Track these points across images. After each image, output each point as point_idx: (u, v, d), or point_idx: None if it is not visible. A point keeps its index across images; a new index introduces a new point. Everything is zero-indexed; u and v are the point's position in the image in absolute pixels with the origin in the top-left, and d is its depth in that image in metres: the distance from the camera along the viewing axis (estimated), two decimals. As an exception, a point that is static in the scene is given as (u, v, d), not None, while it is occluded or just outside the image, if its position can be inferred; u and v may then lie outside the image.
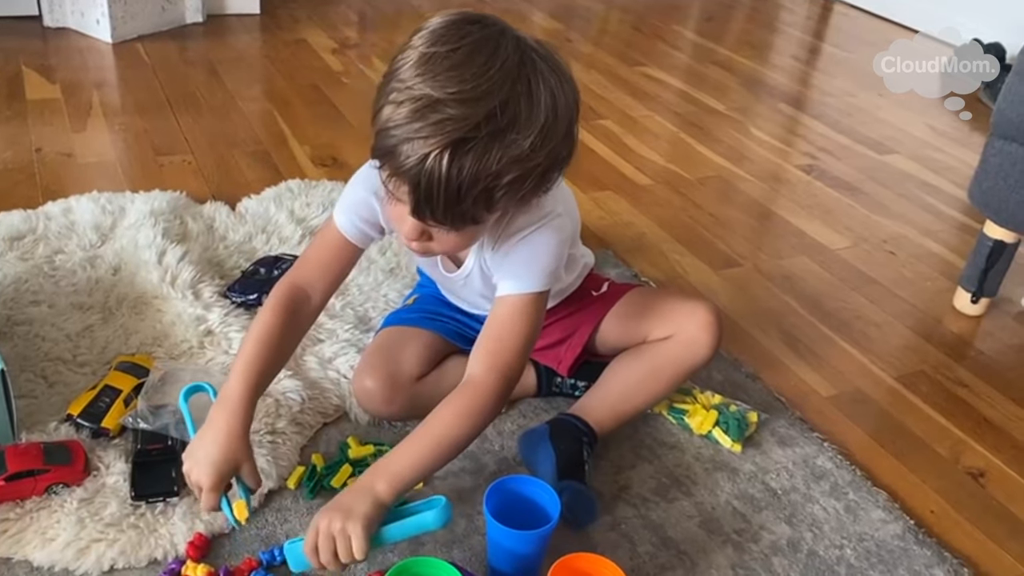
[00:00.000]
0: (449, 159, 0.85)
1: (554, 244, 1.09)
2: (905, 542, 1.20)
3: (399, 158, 0.87)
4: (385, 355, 1.25)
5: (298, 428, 1.24)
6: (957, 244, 2.02)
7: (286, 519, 1.13)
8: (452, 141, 0.85)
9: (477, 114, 0.85)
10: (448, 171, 0.86)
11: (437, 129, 0.85)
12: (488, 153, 0.86)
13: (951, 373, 1.58)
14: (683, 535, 1.17)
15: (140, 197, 1.74)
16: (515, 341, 1.08)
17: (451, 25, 0.90)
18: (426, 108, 0.85)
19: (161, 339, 1.37)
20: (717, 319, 1.24)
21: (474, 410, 1.04)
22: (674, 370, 1.26)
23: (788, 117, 2.72)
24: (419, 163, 0.86)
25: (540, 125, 0.88)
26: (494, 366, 1.06)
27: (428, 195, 0.88)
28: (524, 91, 0.88)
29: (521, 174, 0.89)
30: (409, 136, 0.86)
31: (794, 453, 1.33)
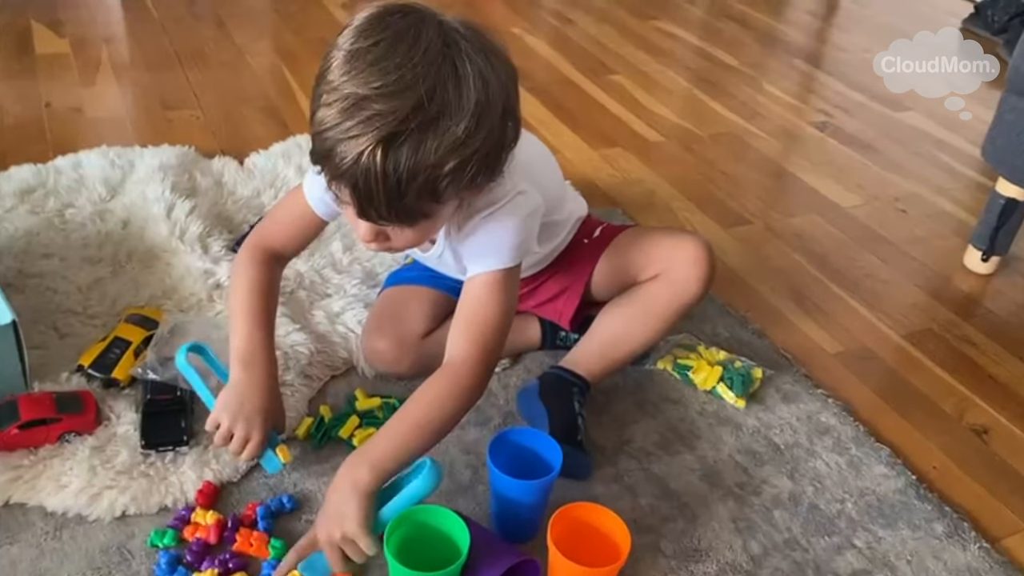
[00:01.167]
0: (383, 155, 0.83)
1: (518, 222, 1.05)
2: (906, 497, 1.20)
3: (335, 160, 0.85)
4: (392, 316, 1.27)
5: (306, 380, 1.26)
6: (971, 203, 2.00)
7: (293, 467, 1.15)
8: (383, 137, 0.83)
9: (404, 106, 0.83)
10: (384, 167, 0.83)
11: (367, 126, 0.83)
12: (422, 144, 0.84)
13: (959, 331, 1.58)
14: (684, 487, 1.18)
15: (149, 152, 1.74)
16: (490, 318, 1.05)
17: (373, 19, 0.88)
18: (354, 106, 0.83)
19: (170, 292, 1.38)
20: (706, 253, 1.21)
21: (455, 391, 1.01)
22: (664, 310, 1.23)
23: (803, 73, 2.68)
24: (354, 162, 0.84)
25: (472, 109, 0.86)
26: (471, 344, 1.03)
27: (369, 194, 0.86)
28: (450, 75, 0.85)
29: (461, 160, 0.87)
30: (341, 136, 0.84)
31: (798, 409, 1.33)
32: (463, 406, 1.02)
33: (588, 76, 2.46)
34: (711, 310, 1.53)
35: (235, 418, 1.06)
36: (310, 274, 1.45)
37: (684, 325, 1.48)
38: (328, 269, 1.46)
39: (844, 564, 1.10)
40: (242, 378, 1.08)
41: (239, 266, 1.16)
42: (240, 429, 1.06)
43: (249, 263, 1.15)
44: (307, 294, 1.41)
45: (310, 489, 1.12)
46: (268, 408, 1.08)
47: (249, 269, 1.15)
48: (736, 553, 1.10)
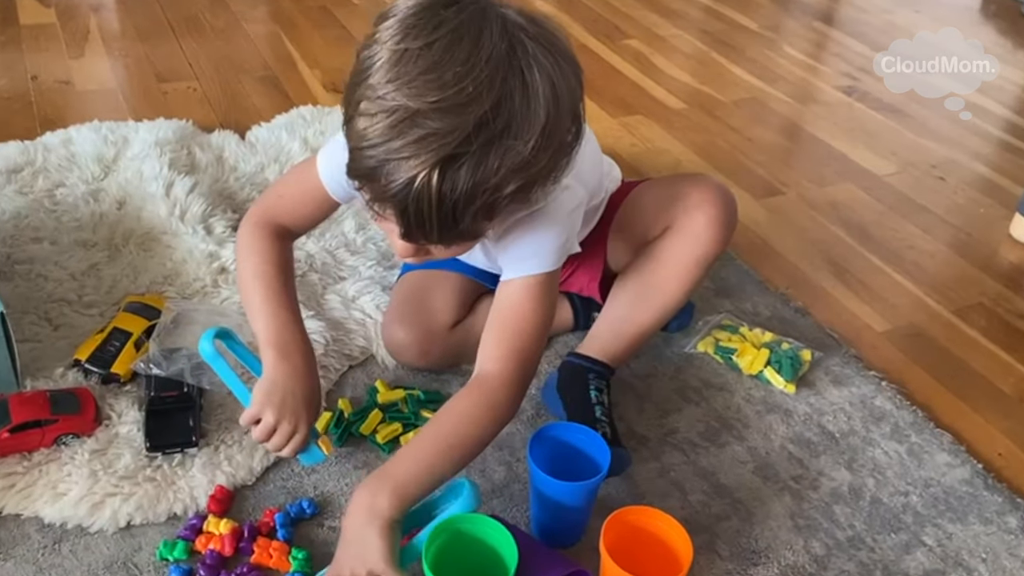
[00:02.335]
0: (439, 180, 0.72)
1: (561, 221, 0.96)
2: (974, 487, 1.12)
3: (380, 181, 0.74)
4: (415, 304, 1.15)
5: (322, 372, 1.15)
6: (1009, 168, 1.90)
7: (313, 469, 1.05)
8: (440, 159, 0.72)
9: (466, 124, 0.72)
10: (439, 193, 0.73)
11: (421, 147, 0.72)
12: (484, 165, 0.73)
13: (1011, 305, 1.48)
14: (736, 482, 1.10)
15: (144, 126, 1.63)
16: (527, 326, 0.95)
17: (423, 11, 0.75)
18: (405, 122, 0.72)
19: (172, 277, 1.28)
20: (715, 194, 1.09)
21: (488, 406, 0.92)
22: (678, 267, 1.10)
23: (823, 35, 2.57)
24: (405, 187, 0.73)
25: (542, 124, 0.75)
26: (507, 355, 0.94)
27: (419, 220, 0.75)
28: (518, 86, 0.74)
29: (525, 182, 0.77)
30: (389, 157, 0.73)
31: (850, 393, 1.24)
32: (497, 426, 0.93)
33: (602, 41, 2.35)
34: (750, 287, 1.44)
35: (280, 412, 0.94)
36: (322, 256, 1.34)
37: (723, 304, 1.39)
38: (341, 250, 1.36)
39: (915, 564, 1.01)
40: (281, 367, 0.96)
41: (246, 242, 1.04)
42: (287, 423, 0.94)
43: (258, 237, 1.03)
44: (319, 277, 1.31)
45: (331, 491, 1.03)
46: (312, 395, 0.97)
47: (259, 243, 1.03)
48: (798, 554, 1.01)
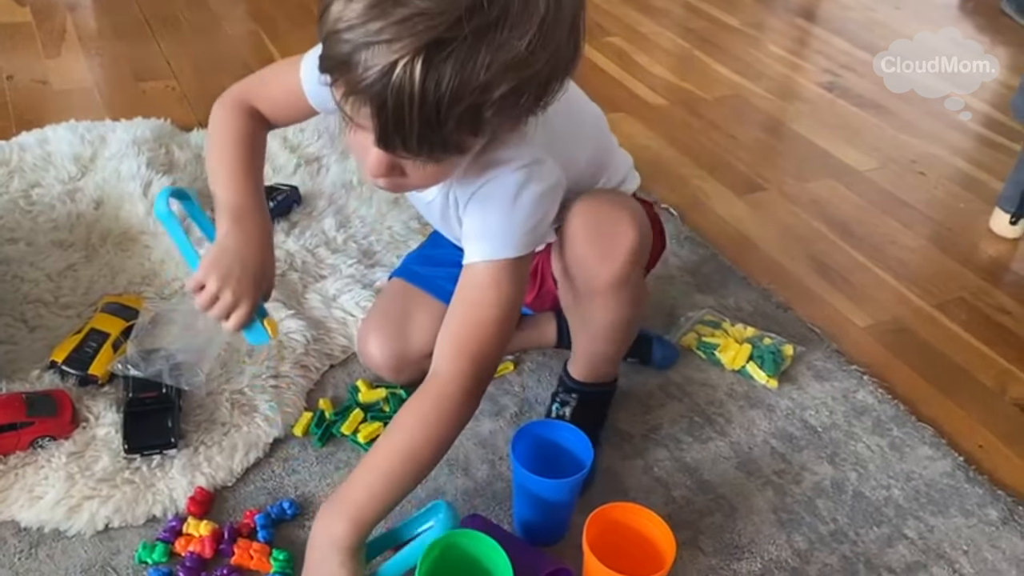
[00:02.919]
0: (423, 69, 0.64)
1: (533, 197, 0.85)
2: (955, 480, 1.12)
3: (356, 70, 0.66)
4: (393, 325, 1.11)
5: (303, 371, 1.15)
6: (988, 162, 1.91)
7: (294, 469, 1.05)
8: (426, 44, 0.64)
9: (457, 5, 0.64)
10: (423, 85, 0.65)
11: (404, 29, 0.64)
12: (474, 58, 0.65)
13: (991, 299, 1.49)
14: (720, 477, 1.09)
15: (121, 125, 1.61)
16: (488, 320, 0.86)
17: None
18: (388, 1, 0.64)
19: (150, 277, 1.27)
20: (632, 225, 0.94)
21: (442, 412, 0.85)
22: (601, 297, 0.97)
23: (805, 32, 2.58)
24: (383, 76, 0.65)
25: (540, 18, 0.67)
26: (462, 353, 0.86)
27: (398, 118, 0.67)
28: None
29: (517, 84, 0.68)
30: (368, 40, 0.65)
31: (832, 388, 1.25)
32: (453, 431, 0.87)
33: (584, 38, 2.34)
34: (732, 283, 1.44)
35: (224, 280, 0.88)
36: (302, 254, 1.33)
37: (705, 300, 1.39)
38: (321, 248, 1.35)
39: (897, 557, 1.02)
40: (234, 234, 0.90)
41: (220, 116, 0.98)
42: (228, 294, 0.88)
43: (233, 113, 0.98)
44: (300, 276, 1.30)
45: (312, 492, 1.02)
46: (261, 271, 0.91)
47: (234, 119, 0.97)
48: (780, 548, 1.01)
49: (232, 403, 1.09)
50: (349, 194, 1.48)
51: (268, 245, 0.93)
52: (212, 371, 1.11)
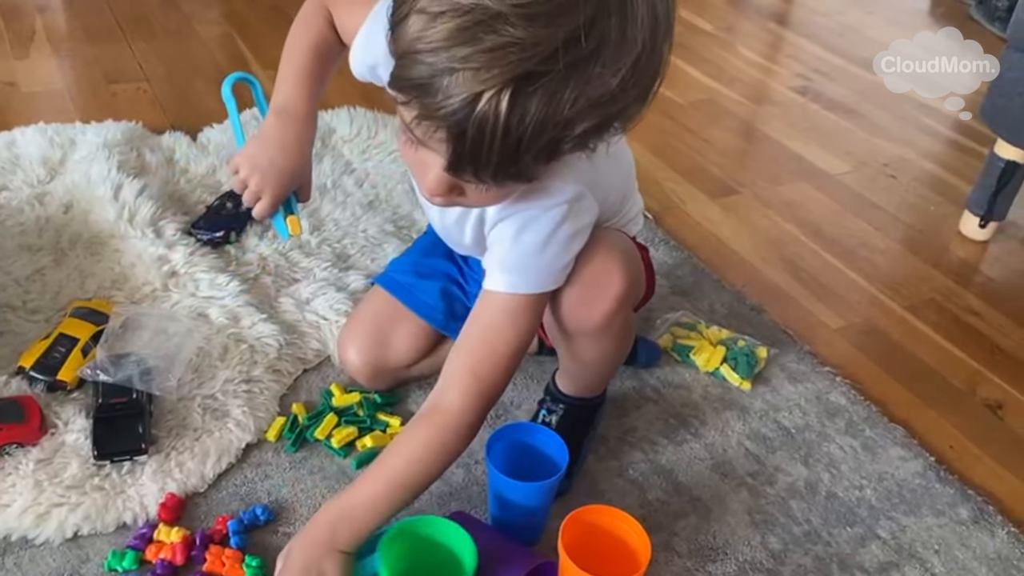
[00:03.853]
0: (510, 102, 0.60)
1: (570, 234, 0.85)
2: (926, 480, 1.13)
3: (435, 96, 0.62)
4: (374, 335, 1.11)
5: (276, 376, 1.14)
6: (959, 166, 1.94)
7: (267, 474, 1.04)
8: (515, 76, 0.60)
9: (554, 38, 0.59)
10: (507, 118, 0.61)
11: (496, 58, 0.59)
12: (562, 92, 0.61)
13: (961, 301, 1.51)
14: (695, 479, 1.10)
15: (91, 128, 1.59)
16: (502, 352, 0.86)
17: None
18: (479, 26, 0.59)
19: (120, 282, 1.25)
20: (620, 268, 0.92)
21: (446, 443, 0.86)
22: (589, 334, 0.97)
23: (777, 36, 2.60)
24: (465, 105, 0.61)
25: (636, 55, 0.63)
26: (473, 385, 0.86)
27: (475, 148, 0.63)
28: (616, 4, 0.62)
29: (601, 122, 0.65)
30: (453, 66, 0.61)
31: (806, 389, 1.25)
32: (453, 458, 0.88)
33: (673, 39, 2.35)
34: (707, 285, 1.44)
35: (252, 169, 0.92)
36: (275, 258, 1.33)
37: (680, 302, 1.40)
38: (295, 251, 1.34)
39: (869, 557, 1.02)
40: (272, 128, 0.94)
41: (308, 17, 0.98)
42: (254, 183, 0.91)
43: (315, 17, 0.98)
44: (273, 279, 1.29)
45: (286, 498, 1.01)
46: (290, 167, 0.93)
47: (314, 23, 0.97)
48: (755, 550, 1.02)
49: (204, 408, 1.08)
50: (323, 197, 1.47)
51: (303, 145, 0.95)
52: (184, 376, 1.10)
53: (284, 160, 0.93)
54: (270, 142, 0.93)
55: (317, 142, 1.63)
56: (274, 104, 0.96)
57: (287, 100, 0.95)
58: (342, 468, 1.05)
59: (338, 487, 1.03)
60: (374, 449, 1.06)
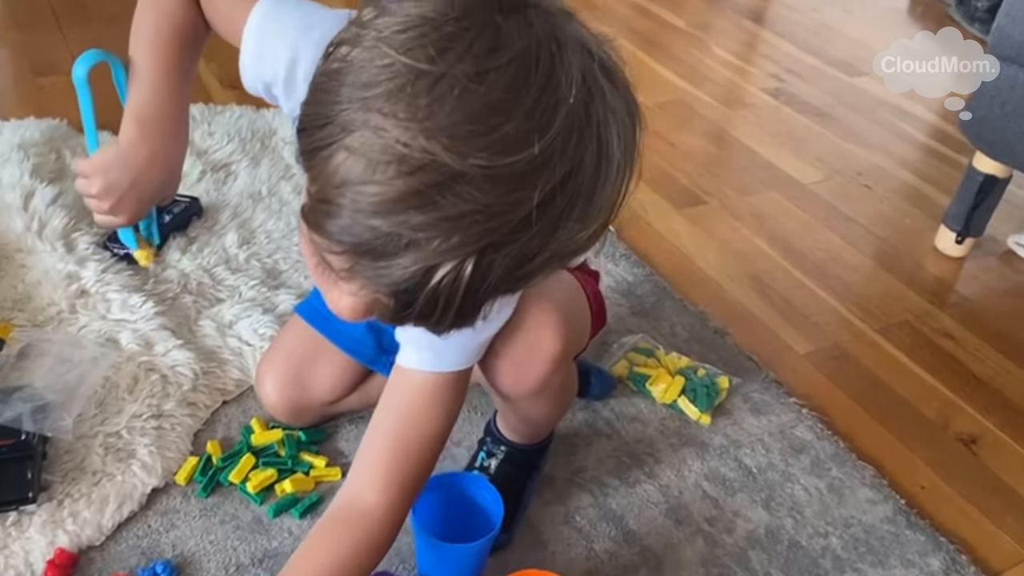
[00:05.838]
0: (472, 272, 0.49)
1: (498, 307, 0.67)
2: (896, 526, 1.05)
3: (377, 262, 0.50)
4: (293, 371, 1.00)
5: (190, 410, 1.04)
6: (936, 176, 1.86)
7: (173, 524, 0.93)
8: (481, 247, 0.49)
9: (526, 202, 0.48)
10: (468, 285, 0.50)
11: (457, 228, 0.48)
12: (530, 252, 0.51)
13: (935, 323, 1.43)
14: (647, 527, 1.01)
15: (8, 126, 1.47)
16: (424, 438, 0.76)
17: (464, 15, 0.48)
18: (435, 188, 0.47)
19: (23, 302, 1.13)
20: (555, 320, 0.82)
21: (372, 550, 0.75)
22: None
23: (752, 35, 2.51)
24: (419, 278, 0.49)
25: (610, 202, 0.53)
26: (397, 482, 0.75)
27: (425, 312, 0.52)
28: (592, 150, 0.50)
29: (560, 264, 0.55)
30: (402, 232, 0.48)
31: (769, 423, 1.17)
32: (378, 560, 0.76)
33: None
34: (668, 305, 1.35)
35: (108, 189, 0.78)
36: (198, 274, 1.21)
37: (639, 324, 1.31)
38: (221, 267, 1.23)
39: (833, 616, 0.94)
40: (132, 141, 0.78)
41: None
42: (108, 204, 0.79)
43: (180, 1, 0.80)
44: (193, 300, 1.18)
45: (192, 551, 0.91)
46: (154, 186, 0.80)
47: (183, 5, 0.80)
48: (709, 609, 0.93)
49: (106, 448, 0.97)
50: (256, 206, 1.36)
51: (172, 165, 0.82)
52: (85, 411, 1.00)
53: (147, 180, 0.79)
54: (130, 159, 0.78)
55: (256, 143, 1.52)
56: (132, 107, 0.80)
57: (150, 103, 0.79)
58: (257, 516, 0.95)
59: (252, 538, 0.93)
60: (293, 495, 0.97)
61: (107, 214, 0.81)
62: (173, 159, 0.82)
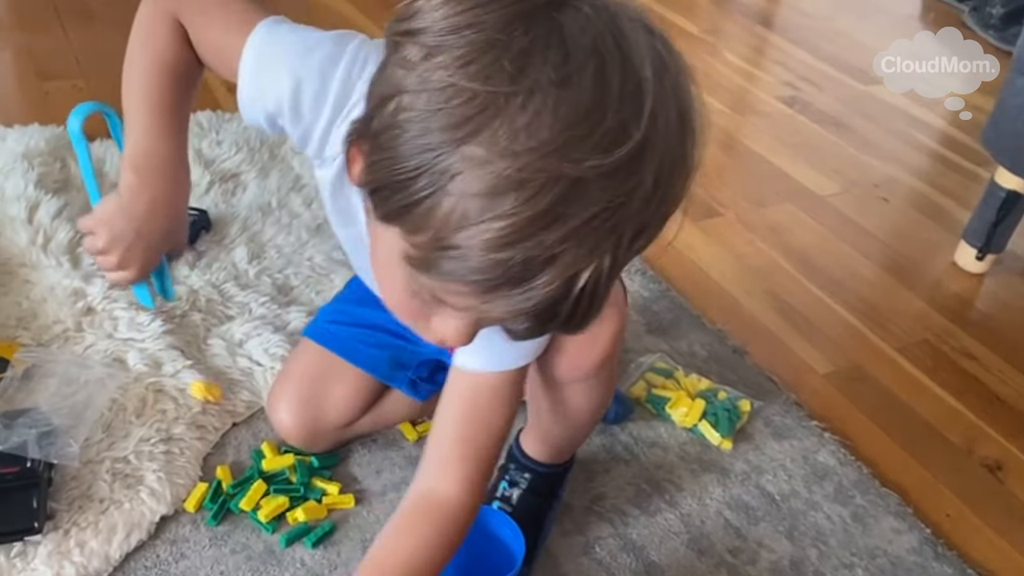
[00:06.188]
0: (609, 267, 0.50)
1: None
2: (922, 557, 1.03)
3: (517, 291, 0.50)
4: (306, 393, 0.98)
5: (200, 433, 1.01)
6: (953, 188, 1.83)
7: (183, 554, 0.91)
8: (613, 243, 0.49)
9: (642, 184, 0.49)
10: (607, 280, 0.51)
11: (594, 234, 0.48)
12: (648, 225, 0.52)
13: (956, 342, 1.40)
14: (669, 558, 0.98)
15: (13, 133, 1.44)
16: (497, 431, 0.77)
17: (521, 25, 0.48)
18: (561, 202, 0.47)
19: (28, 319, 1.10)
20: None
21: (453, 533, 0.75)
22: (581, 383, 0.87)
23: (764, 41, 2.48)
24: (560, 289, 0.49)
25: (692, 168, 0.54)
26: (471, 473, 0.75)
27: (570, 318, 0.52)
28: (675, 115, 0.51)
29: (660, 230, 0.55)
30: (536, 255, 0.48)
31: (791, 447, 1.14)
32: (454, 551, 0.76)
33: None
34: (685, 323, 1.33)
35: (114, 240, 0.78)
36: (207, 291, 1.18)
37: (657, 343, 1.28)
38: (230, 284, 1.20)
39: (861, 654, 0.92)
40: (132, 189, 0.77)
41: (154, 33, 0.77)
42: (116, 256, 0.78)
43: (166, 29, 0.76)
44: (203, 318, 1.15)
45: (203, 583, 0.89)
46: (160, 233, 0.79)
47: (167, 37, 0.76)
48: (734, 646, 0.91)
49: (113, 474, 0.94)
50: (265, 219, 1.33)
51: (176, 209, 0.80)
52: (92, 435, 0.97)
53: (152, 227, 0.78)
54: (132, 207, 0.77)
55: (264, 153, 1.50)
56: (128, 154, 0.79)
57: (147, 148, 0.78)
58: (269, 546, 0.93)
59: (263, 569, 0.90)
60: (306, 524, 0.94)
61: (117, 269, 0.78)
62: (175, 203, 0.80)
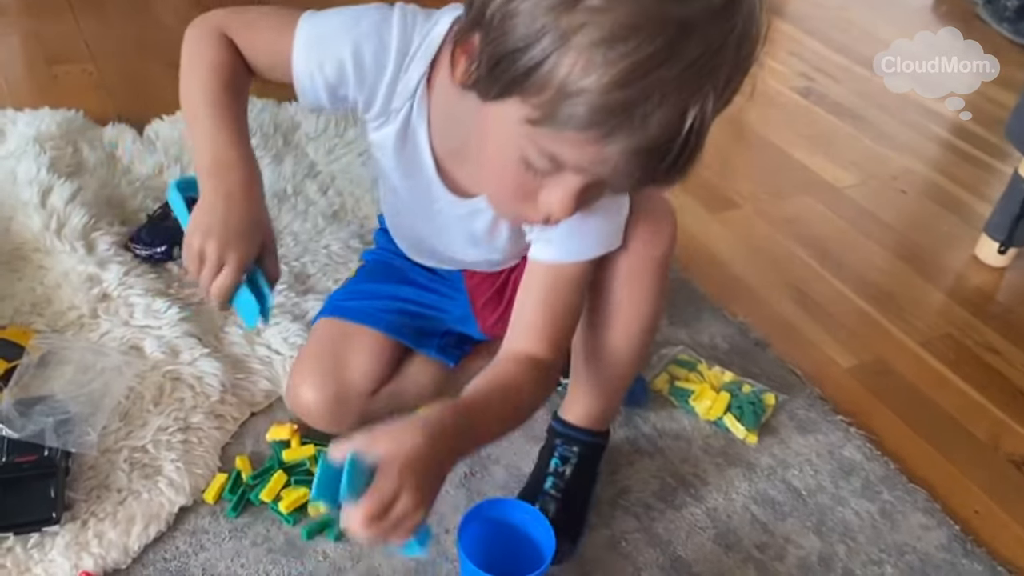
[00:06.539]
0: (714, 106, 0.59)
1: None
2: (952, 553, 1.01)
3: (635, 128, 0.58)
4: (328, 364, 0.97)
5: (218, 422, 0.99)
6: (970, 180, 1.81)
7: (202, 545, 0.89)
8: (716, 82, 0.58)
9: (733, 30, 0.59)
10: (711, 118, 0.60)
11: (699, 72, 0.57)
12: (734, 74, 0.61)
13: (979, 336, 1.39)
14: (695, 553, 0.97)
15: (24, 117, 1.42)
16: (571, 317, 0.86)
17: None
18: (675, 43, 0.56)
19: (42, 305, 1.09)
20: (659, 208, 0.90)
21: (544, 395, 0.84)
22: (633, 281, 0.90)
23: (776, 31, 2.45)
24: (675, 126, 0.58)
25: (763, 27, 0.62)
26: (560, 341, 0.85)
27: (679, 160, 0.60)
28: None
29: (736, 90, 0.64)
30: (653, 91, 0.57)
31: (817, 442, 1.13)
32: (539, 403, 0.84)
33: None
34: (706, 315, 1.31)
35: (206, 235, 0.75)
36: (224, 279, 1.16)
37: (678, 335, 1.26)
38: (247, 272, 1.18)
39: (893, 652, 0.90)
40: (211, 187, 0.78)
41: (205, 50, 0.82)
42: (211, 249, 0.75)
43: (215, 44, 0.82)
44: (220, 305, 1.13)
45: (222, 574, 0.87)
46: (247, 219, 0.78)
47: (217, 52, 0.82)
48: (764, 643, 0.89)
49: (131, 464, 0.93)
50: (281, 206, 1.31)
51: (253, 197, 0.80)
52: (109, 424, 0.95)
53: (238, 214, 0.77)
54: (214, 204, 0.77)
55: (279, 139, 1.48)
56: (199, 164, 0.80)
57: (214, 155, 0.79)
58: (290, 538, 0.91)
59: (284, 561, 0.89)
60: (328, 516, 0.92)
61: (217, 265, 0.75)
62: (251, 193, 0.79)
